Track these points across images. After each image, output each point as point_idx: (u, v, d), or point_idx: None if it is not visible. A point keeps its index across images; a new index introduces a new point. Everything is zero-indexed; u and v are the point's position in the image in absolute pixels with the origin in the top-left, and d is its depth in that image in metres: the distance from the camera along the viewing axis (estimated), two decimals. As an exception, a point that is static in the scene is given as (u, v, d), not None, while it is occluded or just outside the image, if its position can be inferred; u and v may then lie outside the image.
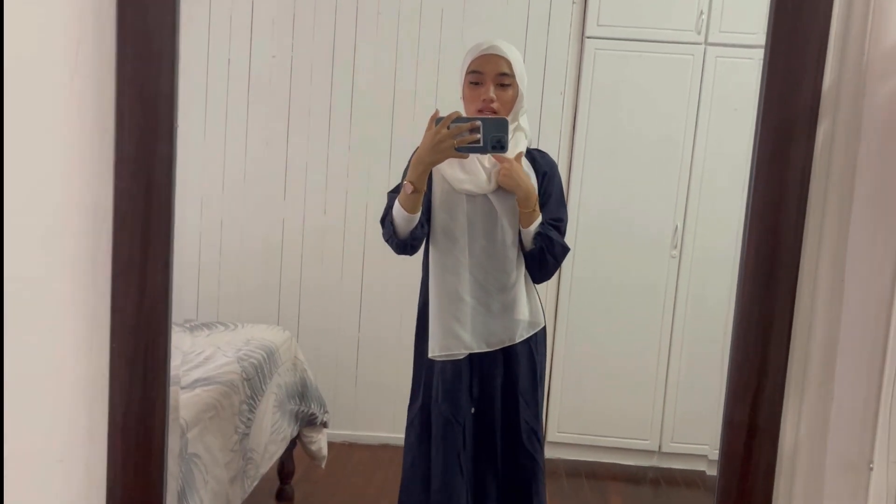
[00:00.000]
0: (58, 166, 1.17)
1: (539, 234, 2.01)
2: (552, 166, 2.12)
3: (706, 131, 3.51)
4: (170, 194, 1.13)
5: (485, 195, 2.00)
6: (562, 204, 2.11)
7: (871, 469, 1.17)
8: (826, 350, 1.21)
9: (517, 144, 2.02)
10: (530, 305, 2.09)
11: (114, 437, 1.15)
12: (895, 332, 1.16)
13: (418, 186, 1.89)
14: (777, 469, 1.21)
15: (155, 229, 1.12)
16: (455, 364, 2.05)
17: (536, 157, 2.10)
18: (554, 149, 3.55)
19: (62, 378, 1.21)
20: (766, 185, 1.16)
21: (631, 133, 3.54)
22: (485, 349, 2.06)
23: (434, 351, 2.04)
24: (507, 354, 2.09)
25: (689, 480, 3.64)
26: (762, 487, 1.19)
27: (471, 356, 2.06)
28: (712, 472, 1.24)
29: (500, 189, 2.00)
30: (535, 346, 2.13)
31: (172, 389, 1.22)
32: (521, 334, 2.08)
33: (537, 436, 2.13)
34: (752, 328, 1.17)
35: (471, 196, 2.00)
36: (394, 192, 2.04)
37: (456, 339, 2.02)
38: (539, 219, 2.02)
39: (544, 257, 2.03)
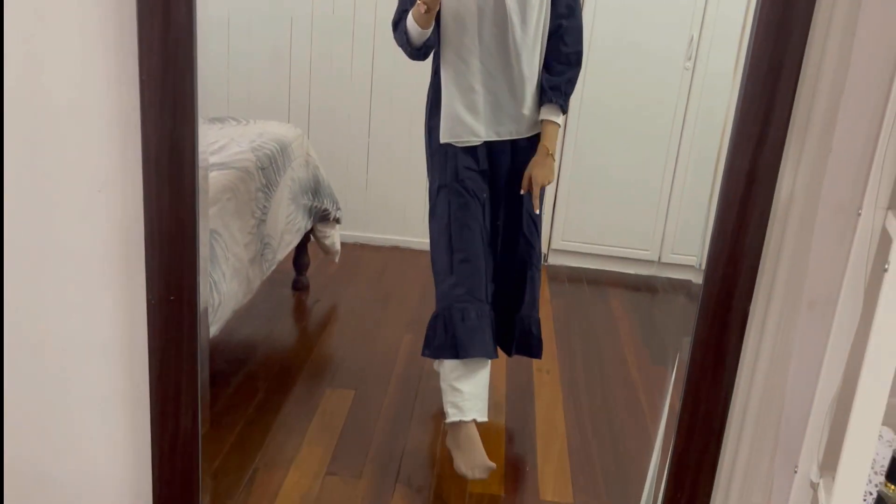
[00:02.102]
0: None
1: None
2: None
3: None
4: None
5: None
6: None
7: (860, 214, 1.24)
8: (829, 103, 1.25)
9: None
10: (539, 105, 2.12)
11: (148, 169, 1.22)
12: (899, 87, 1.19)
13: (431, 6, 1.87)
14: (771, 215, 1.28)
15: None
16: (472, 148, 2.10)
17: None
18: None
19: (95, 109, 1.26)
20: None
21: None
22: (494, 138, 2.10)
23: (445, 137, 2.08)
24: (515, 147, 2.14)
25: (687, 289, 3.80)
26: (755, 231, 1.27)
27: (483, 144, 2.11)
28: (699, 280, 1.32)
29: None
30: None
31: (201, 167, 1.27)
32: (530, 130, 2.12)
33: (536, 225, 2.22)
34: (760, 77, 1.20)
35: None
36: None
37: (466, 127, 2.07)
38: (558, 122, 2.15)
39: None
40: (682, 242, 3.80)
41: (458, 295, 2.08)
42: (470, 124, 2.07)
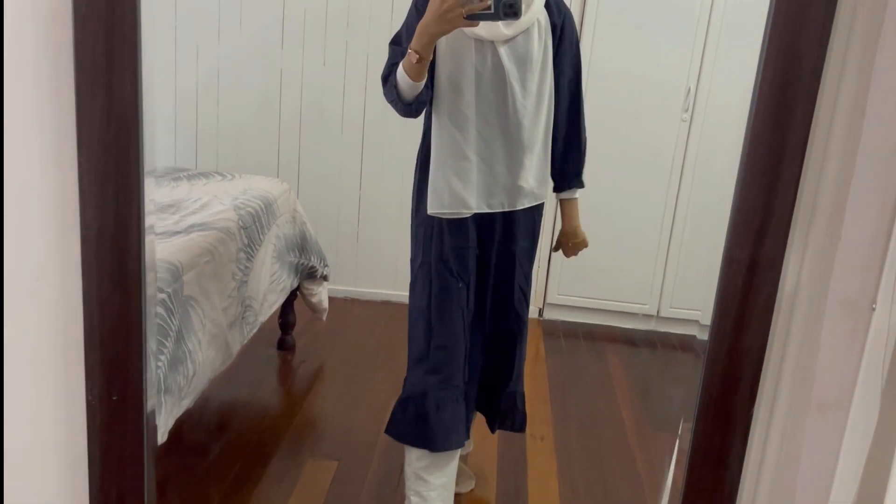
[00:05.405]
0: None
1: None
2: (568, 16, 1.98)
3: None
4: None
5: (494, 47, 1.84)
6: (579, 57, 2.03)
7: (874, 309, 1.13)
8: (837, 187, 1.14)
9: (532, 4, 1.86)
10: (537, 176, 1.98)
11: (87, 255, 1.11)
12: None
13: (423, 56, 1.72)
14: (775, 309, 1.17)
15: (119, 34, 1.02)
16: (461, 222, 1.95)
17: (552, 6, 1.94)
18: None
19: (31, 195, 1.16)
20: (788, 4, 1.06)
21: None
22: (484, 210, 1.95)
23: (433, 207, 1.92)
24: (506, 219, 1.99)
25: (685, 344, 3.68)
26: (758, 327, 1.16)
27: (473, 216, 1.96)
28: (703, 336, 1.23)
29: (513, 41, 1.85)
30: (536, 213, 2.05)
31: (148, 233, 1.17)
32: (523, 203, 1.98)
33: (526, 297, 2.10)
34: (760, 160, 1.10)
35: (480, 45, 1.84)
36: (395, 44, 1.90)
37: (456, 198, 1.90)
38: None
39: None
40: (681, 296, 3.70)
41: (433, 383, 1.96)
42: (460, 195, 1.90)
